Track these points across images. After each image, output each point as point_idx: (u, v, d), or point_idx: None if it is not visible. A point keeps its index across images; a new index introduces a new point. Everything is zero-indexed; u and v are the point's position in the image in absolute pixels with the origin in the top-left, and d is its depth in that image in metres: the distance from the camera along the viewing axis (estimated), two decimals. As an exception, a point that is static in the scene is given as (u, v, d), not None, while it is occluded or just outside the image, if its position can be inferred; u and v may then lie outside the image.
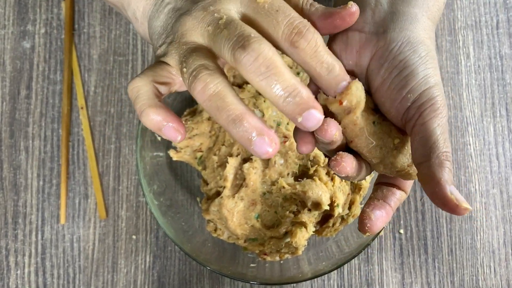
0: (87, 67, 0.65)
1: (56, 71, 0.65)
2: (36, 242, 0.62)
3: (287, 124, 0.56)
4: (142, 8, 0.40)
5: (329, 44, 0.39)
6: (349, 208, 0.57)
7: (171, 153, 0.59)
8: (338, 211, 0.55)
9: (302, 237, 0.54)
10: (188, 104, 0.61)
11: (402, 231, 0.61)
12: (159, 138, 0.59)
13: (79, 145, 0.63)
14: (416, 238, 0.61)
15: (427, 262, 0.61)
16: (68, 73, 0.64)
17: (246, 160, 0.57)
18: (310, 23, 0.34)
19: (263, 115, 0.56)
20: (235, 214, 0.55)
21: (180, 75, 0.37)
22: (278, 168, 0.56)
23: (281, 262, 0.58)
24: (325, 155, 0.40)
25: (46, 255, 0.61)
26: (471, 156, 0.63)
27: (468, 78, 0.64)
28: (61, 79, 0.64)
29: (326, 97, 0.36)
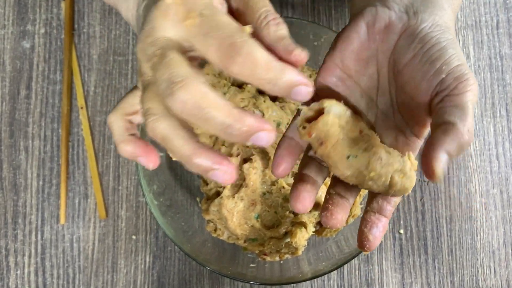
0: (87, 67, 0.65)
1: (56, 71, 0.65)
2: (36, 242, 0.62)
3: (287, 124, 0.56)
4: (130, 15, 0.41)
5: (356, 16, 0.39)
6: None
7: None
8: (338, 211, 0.55)
9: (302, 237, 0.54)
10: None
11: (402, 231, 0.61)
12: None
13: (79, 145, 0.63)
14: (416, 238, 0.61)
15: (427, 262, 0.61)
16: (68, 73, 0.64)
17: (246, 160, 0.57)
18: (255, 40, 0.32)
19: (263, 115, 0.56)
20: (235, 214, 0.55)
21: None
22: (278, 168, 0.56)
23: (281, 262, 0.58)
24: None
25: (46, 255, 0.61)
26: (471, 156, 0.63)
27: (468, 78, 0.64)
28: (61, 79, 0.64)
29: (299, 127, 0.36)
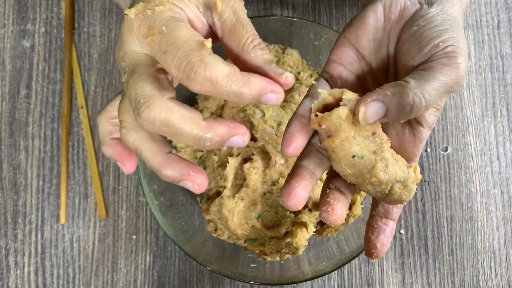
0: (87, 66, 0.64)
1: (56, 70, 0.64)
2: (36, 242, 0.61)
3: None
4: None
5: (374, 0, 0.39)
6: (350, 208, 0.57)
7: (171, 153, 0.59)
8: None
9: (302, 237, 0.54)
10: (189, 104, 0.60)
11: (402, 231, 0.61)
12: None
13: (79, 144, 0.63)
14: (417, 239, 0.61)
15: (428, 262, 0.61)
16: (68, 72, 0.64)
17: (246, 160, 0.57)
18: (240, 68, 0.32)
19: (264, 115, 0.56)
20: (236, 214, 0.55)
21: None
22: (278, 168, 0.56)
23: (282, 262, 0.58)
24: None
25: (46, 255, 0.61)
26: (472, 156, 0.63)
27: (469, 78, 0.64)
28: (61, 78, 0.64)
29: (312, 112, 0.35)
